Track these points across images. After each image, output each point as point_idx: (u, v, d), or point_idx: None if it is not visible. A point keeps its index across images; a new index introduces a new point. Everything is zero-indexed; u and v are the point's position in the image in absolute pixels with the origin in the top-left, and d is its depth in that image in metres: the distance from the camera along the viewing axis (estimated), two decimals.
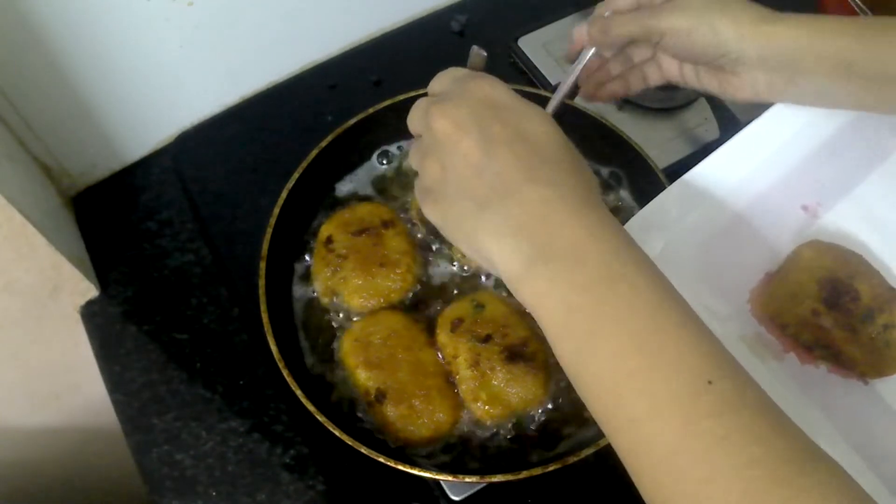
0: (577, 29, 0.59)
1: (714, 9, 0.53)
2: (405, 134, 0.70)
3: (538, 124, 0.44)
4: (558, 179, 0.42)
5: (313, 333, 0.63)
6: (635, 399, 0.38)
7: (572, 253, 0.40)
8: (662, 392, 0.37)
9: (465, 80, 0.46)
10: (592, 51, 0.58)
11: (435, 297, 0.64)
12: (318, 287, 0.64)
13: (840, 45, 0.51)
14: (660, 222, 0.57)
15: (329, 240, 0.64)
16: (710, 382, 0.36)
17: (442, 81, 0.48)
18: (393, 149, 0.71)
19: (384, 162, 0.71)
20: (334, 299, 0.63)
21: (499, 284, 0.64)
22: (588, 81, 0.63)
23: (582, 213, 0.41)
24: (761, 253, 0.61)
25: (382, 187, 0.70)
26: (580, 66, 0.58)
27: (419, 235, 0.66)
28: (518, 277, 0.41)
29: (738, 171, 0.59)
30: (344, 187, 0.69)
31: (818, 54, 0.51)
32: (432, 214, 0.46)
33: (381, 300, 0.63)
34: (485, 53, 0.54)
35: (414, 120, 0.48)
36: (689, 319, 0.39)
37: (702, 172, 0.58)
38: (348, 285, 0.63)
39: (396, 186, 0.70)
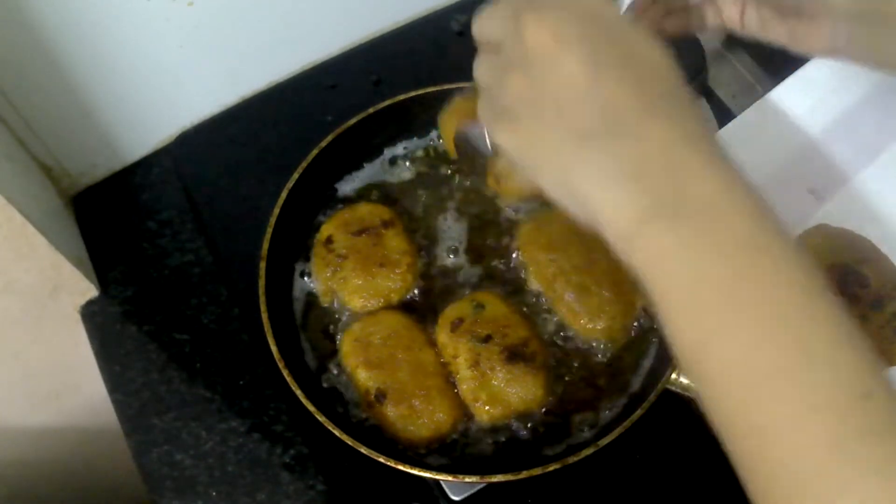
0: None
1: None
2: (406, 134, 0.71)
3: (652, 48, 0.36)
4: (683, 115, 0.35)
5: (313, 333, 0.63)
6: (773, 404, 0.31)
7: (707, 210, 0.33)
8: (809, 400, 0.30)
9: None
10: None
11: (435, 297, 0.64)
12: (319, 287, 0.64)
13: None
14: None
15: (329, 240, 0.64)
16: (866, 396, 0.30)
17: None
18: (395, 150, 0.71)
19: (384, 162, 0.71)
20: (334, 299, 0.63)
21: (499, 281, 0.64)
22: (646, 15, 0.55)
23: (715, 161, 0.34)
24: None
25: (383, 190, 0.70)
26: None
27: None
28: (630, 232, 0.34)
29: (743, 155, 0.58)
30: (344, 187, 0.69)
31: None
32: (508, 141, 0.38)
33: (381, 300, 0.63)
34: None
35: (492, 24, 0.40)
36: (842, 313, 0.32)
37: None
38: (348, 285, 0.63)
39: (397, 189, 0.70)
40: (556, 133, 0.36)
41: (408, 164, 0.70)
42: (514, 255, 0.65)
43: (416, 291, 0.64)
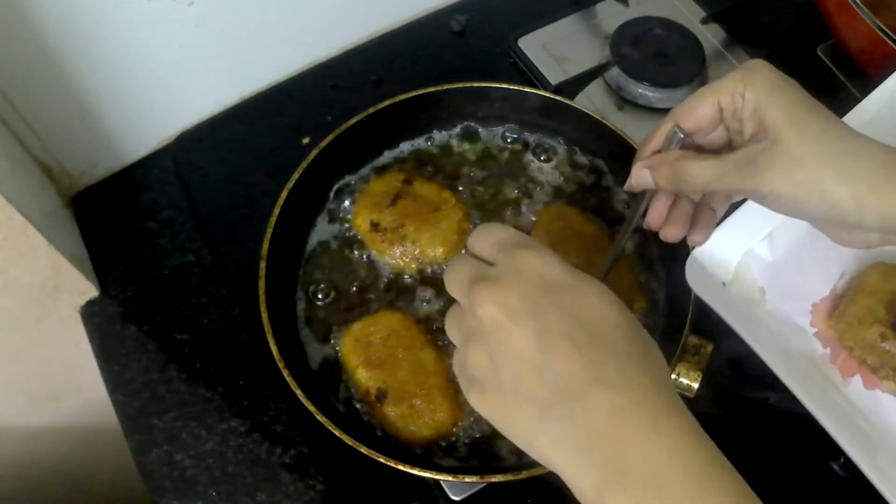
0: (636, 170, 0.50)
1: (824, 169, 0.43)
2: (405, 134, 0.71)
3: (599, 307, 0.38)
4: (628, 379, 0.36)
5: (313, 333, 0.63)
6: None
7: (653, 477, 0.34)
8: None
9: (512, 251, 0.40)
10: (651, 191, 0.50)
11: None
12: (398, 264, 0.65)
13: None
14: (727, 245, 0.58)
15: (374, 225, 0.65)
16: None
17: (484, 244, 0.42)
18: (395, 150, 0.71)
19: (383, 163, 0.71)
20: (421, 265, 0.65)
21: None
22: (669, 224, 0.52)
23: (659, 425, 0.35)
24: (826, 273, 0.62)
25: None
26: (641, 210, 0.51)
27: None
28: (591, 500, 0.36)
29: None
30: (345, 186, 0.69)
31: None
32: (480, 406, 0.40)
33: (456, 233, 0.65)
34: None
35: (454, 285, 0.42)
36: None
37: None
38: (423, 243, 0.64)
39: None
40: (518, 404, 0.38)
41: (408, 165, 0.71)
42: None
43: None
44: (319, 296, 0.65)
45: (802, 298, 0.61)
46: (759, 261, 0.60)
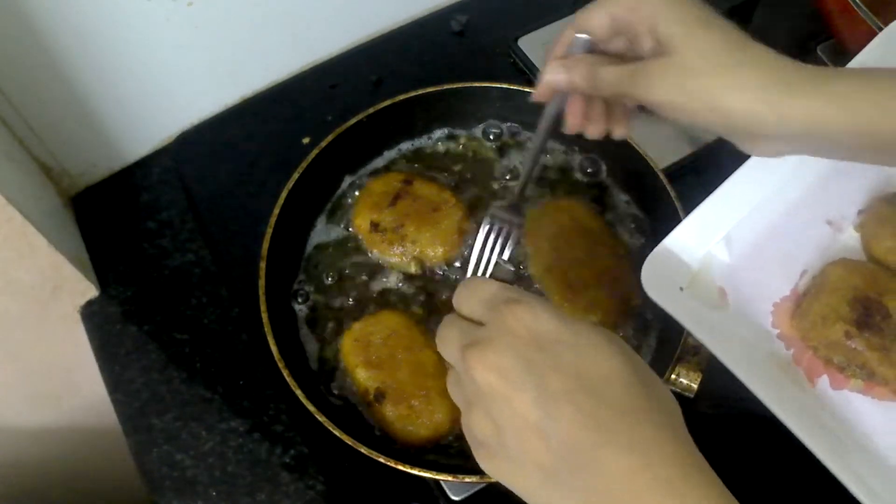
0: (549, 71, 0.49)
1: (714, 79, 0.43)
2: (405, 134, 0.71)
3: (599, 359, 0.36)
4: (640, 438, 0.34)
5: (313, 333, 0.63)
6: None
7: None
8: None
9: (500, 308, 0.38)
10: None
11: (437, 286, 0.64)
12: (398, 264, 0.65)
13: (867, 116, 0.42)
14: (683, 249, 0.57)
15: (374, 225, 0.66)
16: None
17: (470, 303, 0.41)
18: (393, 151, 0.71)
19: (383, 164, 0.71)
20: (422, 265, 0.65)
21: None
22: (590, 123, 0.52)
23: (678, 489, 0.33)
24: (787, 272, 0.61)
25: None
26: (552, 114, 0.51)
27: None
28: None
29: (761, 189, 0.59)
30: (344, 187, 0.70)
31: (842, 128, 0.43)
32: (489, 470, 0.39)
33: (456, 234, 0.65)
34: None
35: (446, 351, 0.41)
36: None
37: (725, 192, 0.57)
38: (422, 243, 0.64)
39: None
40: (524, 469, 0.37)
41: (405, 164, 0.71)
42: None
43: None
44: (319, 295, 0.65)
45: (763, 299, 0.59)
46: (718, 263, 0.59)
